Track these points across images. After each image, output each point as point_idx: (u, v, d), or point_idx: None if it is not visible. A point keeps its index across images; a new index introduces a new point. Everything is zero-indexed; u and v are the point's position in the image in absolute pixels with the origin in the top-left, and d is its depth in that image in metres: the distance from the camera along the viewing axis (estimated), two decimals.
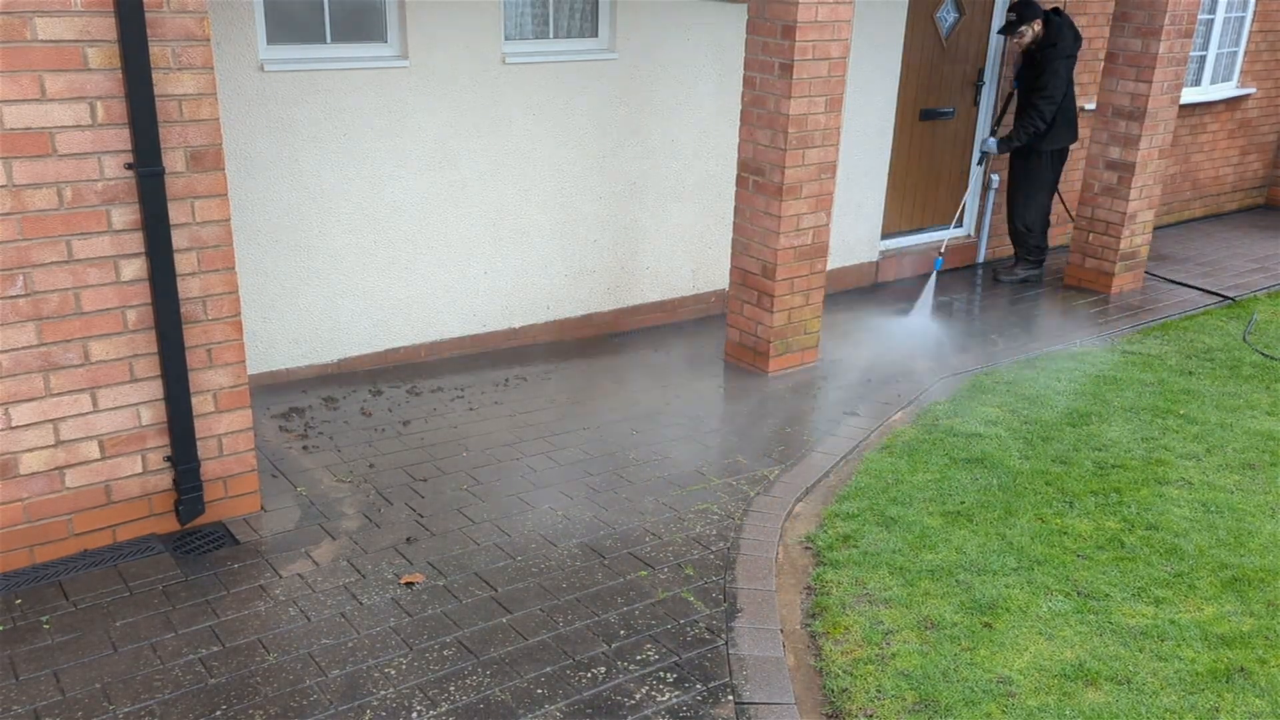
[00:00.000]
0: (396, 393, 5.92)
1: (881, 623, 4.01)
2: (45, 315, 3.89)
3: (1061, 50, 7.54)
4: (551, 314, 6.85)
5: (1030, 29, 7.58)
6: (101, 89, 3.77)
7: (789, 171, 5.97)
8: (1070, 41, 7.58)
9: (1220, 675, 3.76)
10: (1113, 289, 8.12)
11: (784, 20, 5.74)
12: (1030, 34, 7.60)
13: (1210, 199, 10.79)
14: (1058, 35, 7.53)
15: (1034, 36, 7.61)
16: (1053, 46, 7.54)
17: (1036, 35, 7.60)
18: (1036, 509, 4.89)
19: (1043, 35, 7.58)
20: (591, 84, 6.52)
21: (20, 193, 3.73)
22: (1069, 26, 7.63)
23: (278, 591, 4.08)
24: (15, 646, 3.70)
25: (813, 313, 6.42)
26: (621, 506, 4.82)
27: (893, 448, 5.47)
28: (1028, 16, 7.57)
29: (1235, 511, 4.91)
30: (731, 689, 3.64)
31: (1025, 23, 7.58)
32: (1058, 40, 7.53)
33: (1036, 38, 7.61)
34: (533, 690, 3.59)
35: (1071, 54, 7.62)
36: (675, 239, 7.22)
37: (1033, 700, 3.61)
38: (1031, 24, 7.57)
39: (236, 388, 4.39)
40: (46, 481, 4.07)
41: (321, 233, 5.85)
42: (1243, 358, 6.86)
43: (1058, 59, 7.55)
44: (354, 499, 4.80)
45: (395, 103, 5.86)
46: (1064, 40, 7.54)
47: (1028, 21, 7.57)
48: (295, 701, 3.49)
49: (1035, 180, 8.03)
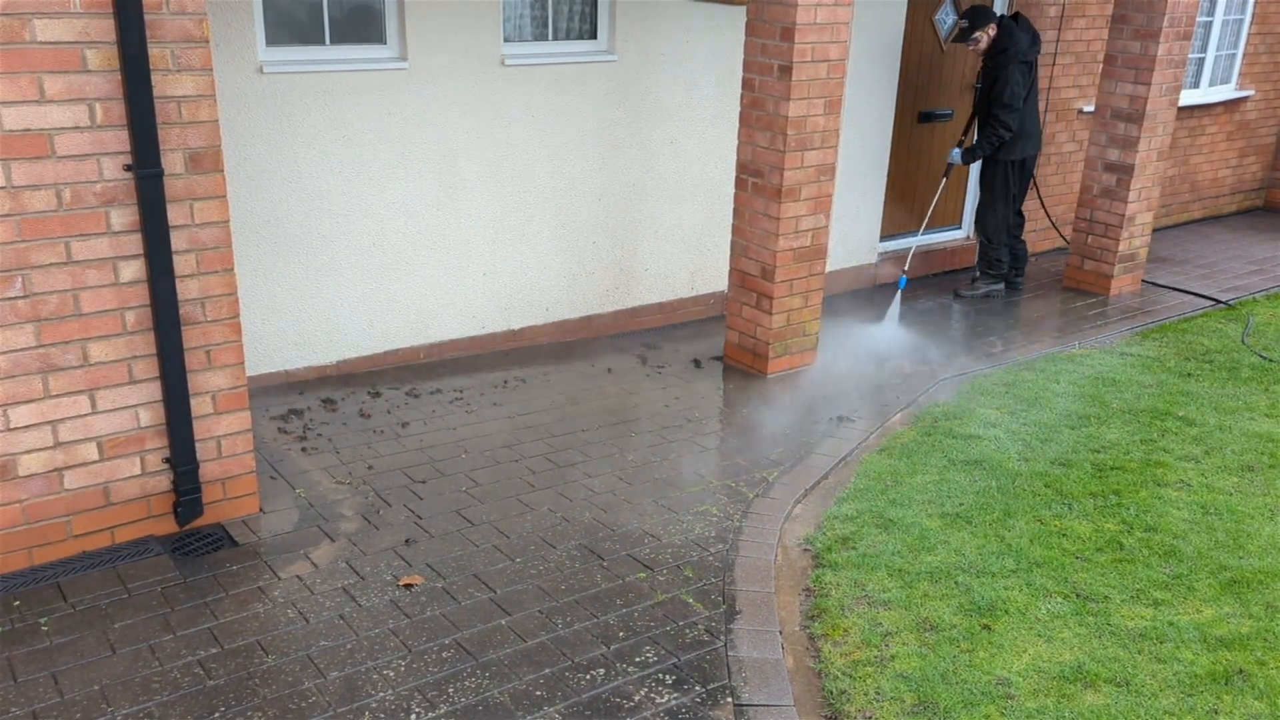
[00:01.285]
0: (395, 394, 5.92)
1: (880, 624, 4.01)
2: (44, 317, 3.89)
3: (1014, 55, 7.25)
4: (551, 315, 6.85)
5: (984, 34, 7.31)
6: (101, 91, 3.77)
7: (788, 173, 5.97)
8: (1025, 46, 7.29)
9: (1219, 677, 3.76)
10: (1111, 291, 8.13)
11: (783, 22, 5.75)
12: (985, 39, 7.32)
13: (1209, 201, 10.80)
14: (1009, 40, 7.25)
15: (988, 42, 7.33)
16: (1004, 52, 7.26)
17: (990, 41, 7.33)
18: (1035, 511, 4.89)
19: (995, 40, 7.32)
20: (591, 86, 6.52)
21: (19, 194, 3.73)
22: (1025, 31, 7.35)
23: (276, 593, 4.08)
24: (14, 648, 3.69)
25: (811, 315, 6.43)
26: (620, 508, 4.81)
27: (891, 450, 5.47)
28: (980, 22, 7.29)
29: (1234, 513, 4.91)
30: (730, 691, 3.64)
31: (978, 28, 7.30)
32: (1009, 45, 7.25)
33: (990, 44, 7.34)
34: (531, 692, 3.59)
35: (1027, 59, 7.33)
36: (674, 241, 7.22)
37: (1031, 702, 3.60)
38: (985, 29, 7.30)
39: (235, 389, 4.39)
40: (45, 483, 4.07)
41: (320, 234, 5.85)
42: (1241, 360, 6.86)
43: (1010, 65, 7.25)
44: (353, 501, 4.80)
45: (394, 104, 5.87)
46: (1016, 45, 7.25)
47: (980, 27, 7.29)
48: (294, 703, 3.49)
49: (994, 191, 7.73)
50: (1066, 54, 8.70)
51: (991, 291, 8.02)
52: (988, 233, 7.89)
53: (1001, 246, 7.91)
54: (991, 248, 7.93)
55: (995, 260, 7.95)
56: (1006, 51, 7.27)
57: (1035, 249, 9.24)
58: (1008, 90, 7.28)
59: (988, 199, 7.82)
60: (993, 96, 7.39)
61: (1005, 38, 7.28)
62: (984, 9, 7.35)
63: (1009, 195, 7.76)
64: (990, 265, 7.99)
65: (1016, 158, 7.62)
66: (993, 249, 7.92)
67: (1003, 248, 7.92)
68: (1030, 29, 7.42)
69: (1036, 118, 7.64)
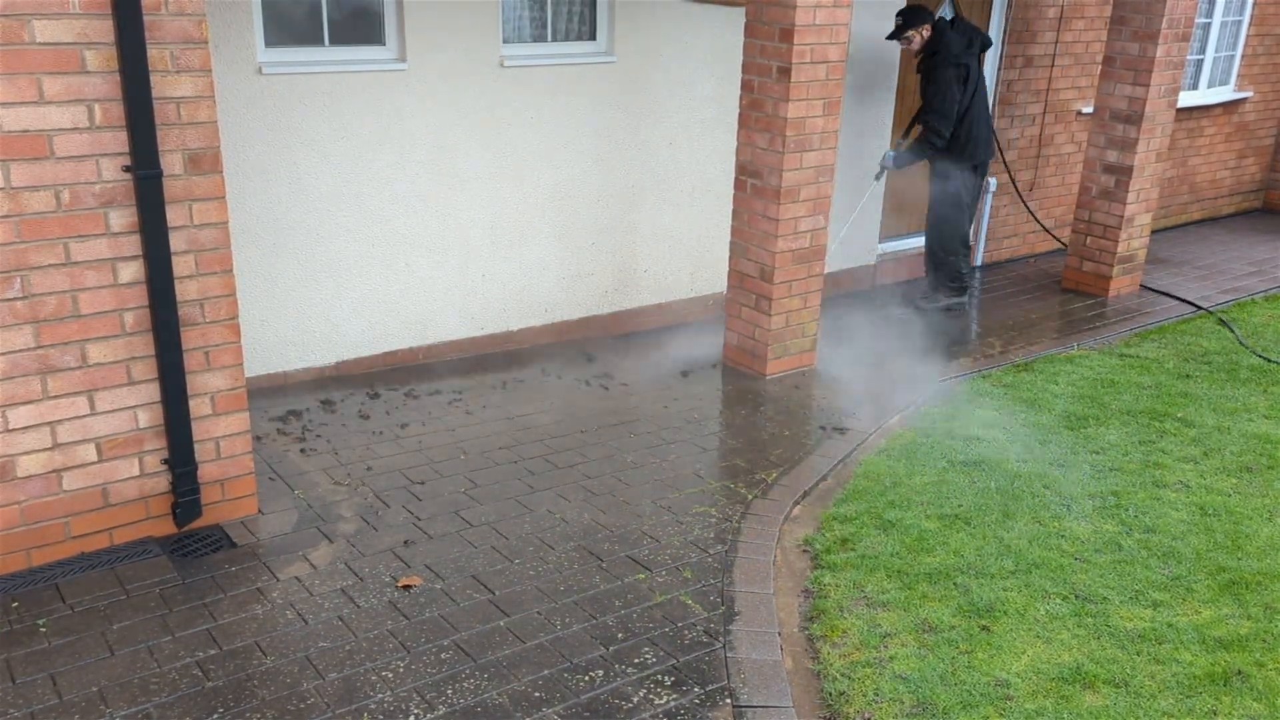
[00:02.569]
0: (394, 395, 5.91)
1: (879, 626, 4.01)
2: (43, 318, 3.88)
3: (945, 58, 6.95)
4: (550, 317, 6.85)
5: (918, 34, 7.00)
6: (100, 92, 3.77)
7: (787, 174, 5.97)
8: (959, 50, 6.96)
9: (1218, 678, 3.76)
10: (1110, 292, 8.13)
11: (782, 23, 5.75)
12: (918, 40, 7.03)
13: (1207, 202, 10.81)
14: (940, 43, 6.96)
15: (922, 43, 7.05)
16: (934, 55, 6.99)
17: (924, 41, 7.05)
18: (1034, 512, 4.89)
19: (928, 42, 7.04)
20: (590, 87, 6.52)
21: (18, 195, 3.73)
22: (962, 34, 7.02)
23: (275, 594, 4.08)
24: (12, 649, 3.69)
25: (811, 316, 6.43)
26: (619, 509, 4.81)
27: (890, 451, 5.47)
28: (914, 22, 6.96)
29: (1233, 514, 4.91)
30: (729, 692, 3.64)
31: (911, 28, 6.97)
32: (939, 48, 6.96)
33: (924, 44, 7.06)
34: (530, 693, 3.59)
35: (961, 62, 6.98)
36: (673, 242, 7.22)
37: (1030, 704, 3.60)
38: (919, 29, 6.98)
39: (234, 390, 4.39)
40: (44, 484, 4.07)
41: (319, 235, 5.85)
42: (1240, 361, 6.86)
43: (942, 68, 6.96)
44: (351, 502, 4.79)
45: (393, 105, 5.87)
46: (947, 49, 6.95)
47: (914, 27, 6.97)
48: (293, 704, 3.49)
49: (947, 201, 7.42)
50: (1065, 55, 8.71)
51: (953, 305, 7.72)
52: (944, 244, 7.57)
53: (961, 258, 7.61)
54: (950, 260, 7.61)
55: (955, 273, 7.65)
56: (937, 54, 6.99)
57: (1034, 250, 9.26)
58: (938, 95, 7.01)
59: (941, 209, 7.49)
60: (924, 100, 7.16)
61: (937, 39, 7.00)
62: (920, 8, 7.01)
63: (962, 206, 7.42)
64: (951, 278, 7.67)
65: (967, 165, 7.32)
66: (951, 261, 7.61)
67: (962, 259, 7.62)
68: (970, 30, 7.08)
69: (987, 123, 7.35)
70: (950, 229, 7.51)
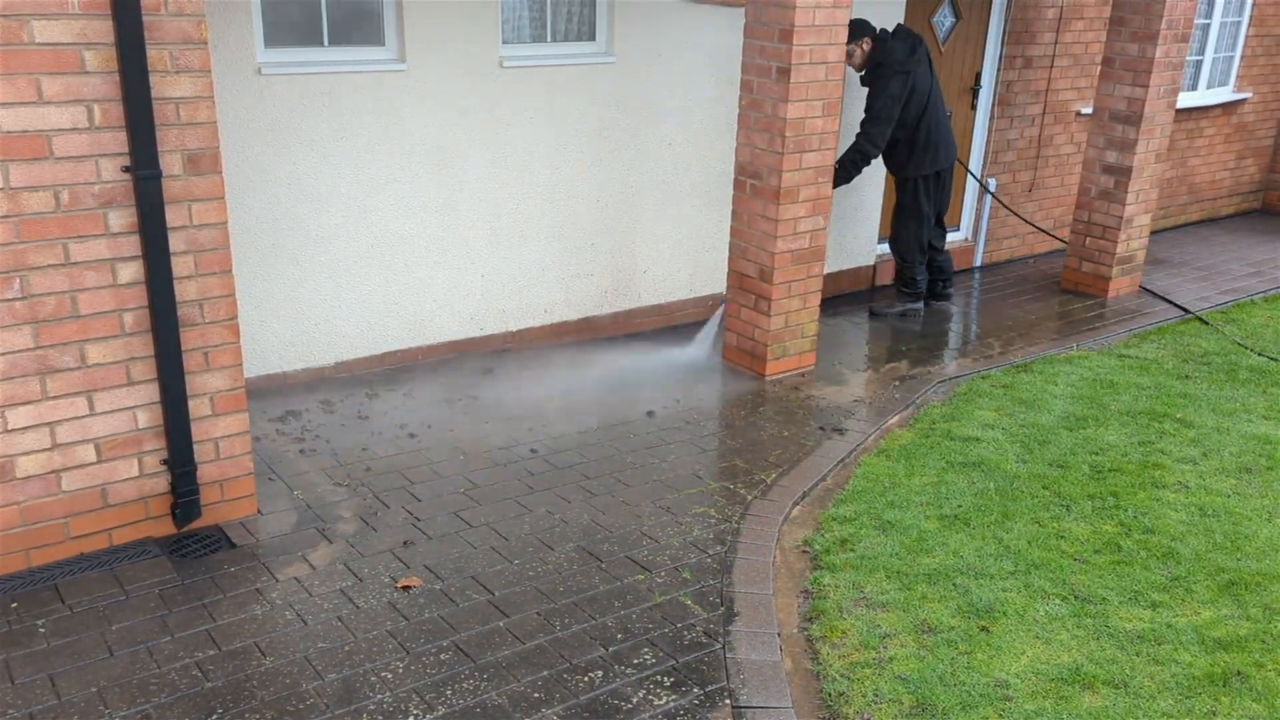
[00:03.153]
0: (393, 396, 5.91)
1: (879, 627, 4.01)
2: (42, 318, 3.88)
3: (890, 68, 6.88)
4: (549, 317, 6.85)
5: (858, 48, 6.91)
6: (99, 92, 3.77)
7: (786, 175, 5.97)
8: (903, 56, 6.89)
9: (1217, 679, 3.76)
10: (1109, 293, 8.14)
11: (781, 24, 5.75)
12: (859, 54, 6.94)
13: (1206, 203, 10.81)
14: (883, 54, 6.88)
15: (863, 57, 6.97)
16: (879, 66, 6.90)
17: (865, 55, 6.96)
18: (1033, 513, 4.89)
19: (870, 54, 6.96)
20: (589, 87, 6.52)
21: (17, 195, 3.73)
22: (903, 40, 6.94)
23: (274, 595, 4.08)
24: (11, 650, 3.69)
25: (810, 316, 6.43)
26: (619, 510, 4.81)
27: (890, 451, 5.47)
28: (855, 35, 6.80)
29: (1232, 515, 4.91)
30: (729, 693, 3.64)
31: (852, 41, 6.80)
32: (883, 59, 6.88)
33: (865, 58, 6.97)
34: (529, 694, 3.59)
35: (906, 69, 6.90)
36: (673, 242, 7.22)
37: (1029, 704, 3.61)
38: (859, 43, 6.89)
39: (233, 391, 4.39)
40: (43, 484, 4.07)
41: (319, 236, 5.85)
42: (1239, 362, 6.87)
43: (885, 78, 6.88)
44: (350, 502, 4.79)
45: (392, 106, 5.87)
46: (890, 58, 6.87)
47: (855, 40, 6.82)
48: (292, 705, 3.49)
49: (904, 209, 7.39)
50: (1065, 56, 8.71)
51: (909, 310, 7.63)
52: (902, 251, 7.52)
53: (917, 265, 7.52)
54: (907, 266, 7.55)
55: (911, 279, 7.57)
56: (882, 65, 6.92)
57: (1033, 251, 9.26)
58: (879, 101, 6.90)
59: (899, 217, 7.45)
60: (866, 111, 7.05)
61: (880, 51, 6.93)
62: (861, 22, 6.88)
63: (921, 213, 7.36)
64: (906, 284, 7.60)
65: (928, 172, 7.25)
66: (908, 268, 7.55)
67: (918, 266, 7.55)
68: (912, 38, 7.00)
69: (945, 128, 7.26)
70: (908, 235, 7.46)
